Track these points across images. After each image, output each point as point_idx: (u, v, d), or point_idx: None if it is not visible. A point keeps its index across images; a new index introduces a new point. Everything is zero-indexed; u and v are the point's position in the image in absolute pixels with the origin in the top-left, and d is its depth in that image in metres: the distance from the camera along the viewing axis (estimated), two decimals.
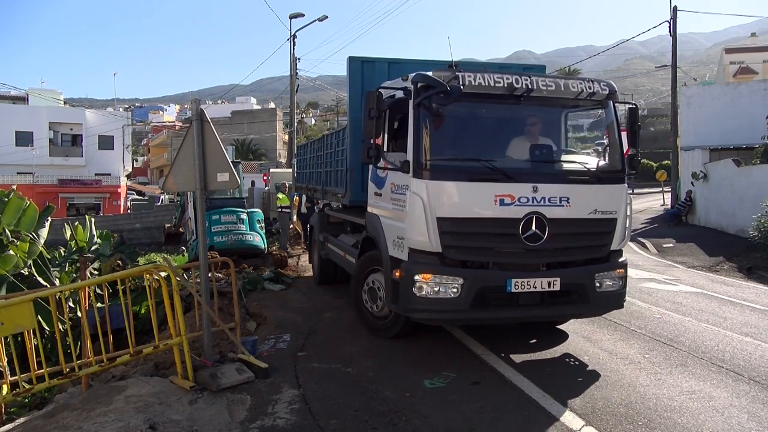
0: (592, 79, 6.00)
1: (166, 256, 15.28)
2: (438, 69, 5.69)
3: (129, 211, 36.82)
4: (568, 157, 6.28)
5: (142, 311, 9.12)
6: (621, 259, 5.94)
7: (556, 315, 6.30)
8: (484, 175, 5.43)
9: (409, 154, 5.62)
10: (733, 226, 16.71)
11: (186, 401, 4.84)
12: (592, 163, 6.11)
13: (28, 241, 10.86)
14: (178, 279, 5.47)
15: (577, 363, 5.81)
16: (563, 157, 6.22)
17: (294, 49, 26.62)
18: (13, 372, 5.01)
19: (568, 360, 5.92)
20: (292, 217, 17.60)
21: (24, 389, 4.92)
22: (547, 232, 5.46)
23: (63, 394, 5.72)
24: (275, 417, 4.58)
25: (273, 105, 70.45)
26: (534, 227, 5.42)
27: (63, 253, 13.89)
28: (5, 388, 5.14)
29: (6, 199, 11.46)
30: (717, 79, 48.90)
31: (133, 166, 60.08)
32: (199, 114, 5.43)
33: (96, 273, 11.91)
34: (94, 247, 14.29)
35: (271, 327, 7.42)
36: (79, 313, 6.98)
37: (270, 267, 11.60)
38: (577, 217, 5.62)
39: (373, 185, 6.69)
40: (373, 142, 5.79)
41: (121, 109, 65.26)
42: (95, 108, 60.90)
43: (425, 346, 6.31)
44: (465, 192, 5.48)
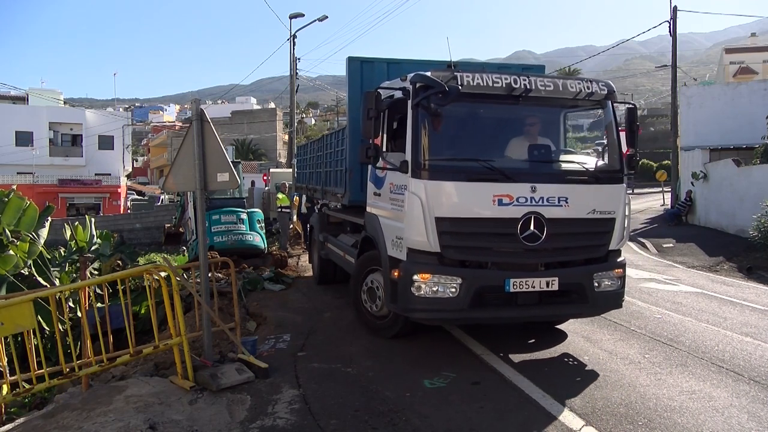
0: (591, 79, 6.00)
1: (166, 256, 15.28)
2: (436, 69, 5.70)
3: (129, 211, 36.82)
4: (566, 157, 6.28)
5: (142, 311, 9.12)
6: (620, 259, 5.94)
7: (554, 315, 6.30)
8: (483, 175, 5.44)
9: (407, 154, 5.63)
10: (733, 226, 16.71)
11: (186, 401, 4.84)
12: (591, 163, 6.11)
13: (28, 241, 10.86)
14: (178, 279, 5.47)
15: (577, 363, 5.81)
16: (562, 157, 6.21)
17: (294, 49, 26.64)
18: (13, 372, 5.01)
19: (568, 360, 5.92)
20: (292, 217, 17.60)
21: (24, 389, 4.92)
22: (545, 232, 5.46)
23: (63, 394, 5.72)
24: (275, 417, 4.58)
25: (273, 105, 70.45)
26: (532, 227, 5.43)
27: (63, 253, 13.88)
28: (5, 388, 5.14)
29: (6, 199, 11.46)
30: (717, 79, 48.91)
31: (133, 166, 60.09)
32: (199, 114, 5.44)
33: (96, 273, 11.90)
34: (94, 247, 14.28)
35: (271, 327, 7.42)
36: (79, 313, 6.98)
37: (270, 267, 11.60)
38: (575, 217, 5.63)
39: (372, 185, 6.69)
40: (371, 142, 5.80)
41: (121, 109, 65.27)
42: (95, 108, 60.91)
43: (425, 346, 6.31)
44: (463, 192, 5.49)
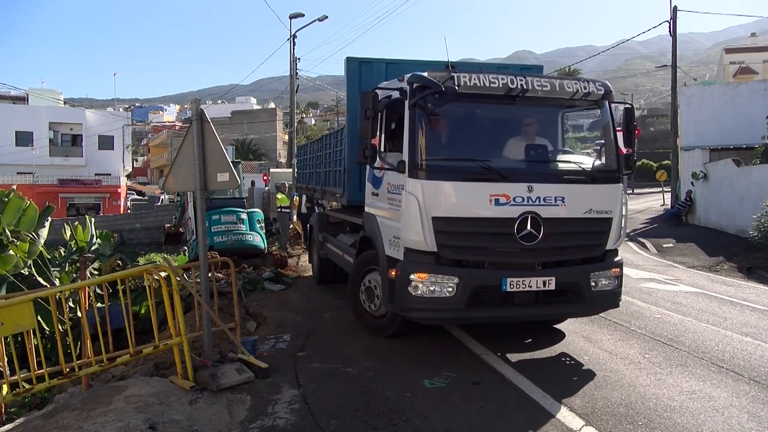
0: (588, 79, 6.02)
1: (166, 256, 15.28)
2: (434, 69, 5.71)
3: (129, 211, 36.84)
4: (563, 157, 6.30)
5: (142, 311, 9.12)
6: (616, 259, 5.96)
7: (551, 314, 6.31)
8: (479, 175, 5.46)
9: (404, 154, 5.65)
10: (733, 226, 16.71)
11: (186, 401, 4.84)
12: (588, 163, 6.11)
13: (28, 241, 10.86)
14: (178, 279, 5.48)
15: (577, 363, 5.81)
16: (559, 157, 6.24)
17: (294, 49, 26.60)
18: (13, 372, 5.02)
19: (568, 360, 5.92)
20: (292, 217, 17.61)
21: (24, 389, 4.91)
22: (542, 232, 5.47)
23: (63, 394, 5.72)
24: (275, 417, 4.58)
25: (273, 105, 70.46)
26: (529, 227, 5.44)
27: (63, 253, 13.88)
28: (5, 388, 5.15)
29: (6, 199, 11.45)
30: (717, 79, 48.92)
31: (133, 166, 60.09)
32: (199, 114, 5.44)
33: (96, 273, 11.90)
34: (94, 247, 14.27)
35: (271, 327, 7.43)
36: (79, 313, 6.98)
37: (270, 267, 11.60)
38: (572, 216, 5.64)
39: (370, 185, 6.72)
40: (369, 142, 5.81)
41: (121, 109, 65.26)
42: (95, 108, 60.90)
43: (425, 346, 6.31)
44: (460, 192, 5.50)
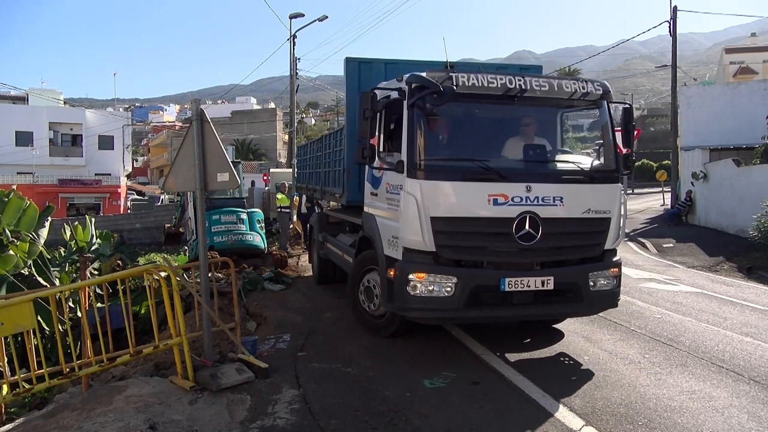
0: (586, 80, 6.02)
1: (166, 256, 15.28)
2: (432, 69, 5.72)
3: (129, 211, 36.83)
4: (562, 157, 6.30)
5: (142, 311, 9.12)
6: (615, 258, 5.96)
7: (550, 314, 6.32)
8: (478, 174, 5.46)
9: (403, 154, 5.65)
10: (733, 226, 16.71)
11: (186, 401, 4.84)
12: (586, 163, 6.12)
13: (28, 241, 10.86)
14: (178, 279, 5.47)
15: (577, 363, 5.81)
16: (557, 157, 6.24)
17: (294, 49, 26.59)
18: (13, 372, 5.02)
19: (568, 360, 5.92)
20: (292, 217, 17.61)
21: (24, 389, 4.91)
22: (540, 232, 5.48)
23: (63, 394, 5.72)
24: (275, 417, 4.58)
25: (273, 105, 70.46)
26: (527, 226, 5.44)
27: (63, 253, 13.87)
28: (5, 388, 5.15)
29: (6, 199, 11.45)
30: (717, 79, 48.91)
31: (133, 166, 60.09)
32: (199, 114, 5.44)
33: (96, 273, 11.90)
34: (94, 247, 14.27)
35: (271, 327, 7.43)
36: (79, 313, 6.98)
37: (270, 267, 11.60)
38: (570, 216, 5.64)
39: (369, 185, 6.73)
40: (368, 142, 5.82)
41: (121, 109, 65.27)
42: (95, 108, 60.90)
43: (425, 346, 6.31)
44: (458, 192, 5.50)
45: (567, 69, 44.15)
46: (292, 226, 17.54)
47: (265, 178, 30.39)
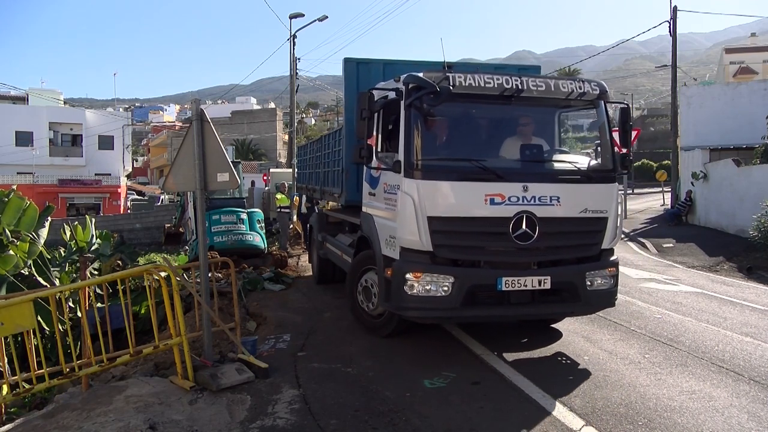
0: (583, 79, 6.04)
1: (166, 256, 15.28)
2: (429, 70, 5.72)
3: (129, 211, 36.85)
4: (558, 157, 6.31)
5: (142, 311, 9.12)
6: (612, 258, 5.96)
7: (547, 313, 6.32)
8: (475, 174, 5.47)
9: (400, 154, 5.66)
10: (733, 226, 16.71)
11: (186, 401, 4.84)
12: (583, 163, 6.13)
13: (28, 241, 10.86)
14: (178, 279, 5.48)
15: (577, 363, 5.81)
16: (554, 157, 6.25)
17: (294, 49, 26.57)
18: (13, 372, 5.02)
19: (568, 360, 5.92)
20: (292, 217, 17.61)
21: (24, 389, 4.92)
22: (537, 231, 5.48)
23: (63, 394, 5.72)
24: (275, 417, 4.58)
25: (273, 105, 70.46)
26: (524, 226, 5.45)
27: (63, 253, 13.87)
28: (5, 388, 5.14)
29: (6, 199, 11.45)
30: (717, 79, 48.92)
31: (133, 166, 60.09)
32: (199, 114, 5.44)
33: (96, 273, 11.90)
34: (94, 247, 14.27)
35: (271, 327, 7.43)
36: (79, 313, 6.98)
37: (270, 267, 11.61)
38: (567, 216, 5.65)
39: (367, 185, 6.74)
40: (365, 142, 5.83)
41: (121, 109, 65.27)
42: (95, 108, 60.92)
43: (425, 346, 6.31)
44: (455, 191, 5.51)
45: (567, 69, 44.19)
46: (292, 226, 17.54)
47: (265, 178, 30.41)
